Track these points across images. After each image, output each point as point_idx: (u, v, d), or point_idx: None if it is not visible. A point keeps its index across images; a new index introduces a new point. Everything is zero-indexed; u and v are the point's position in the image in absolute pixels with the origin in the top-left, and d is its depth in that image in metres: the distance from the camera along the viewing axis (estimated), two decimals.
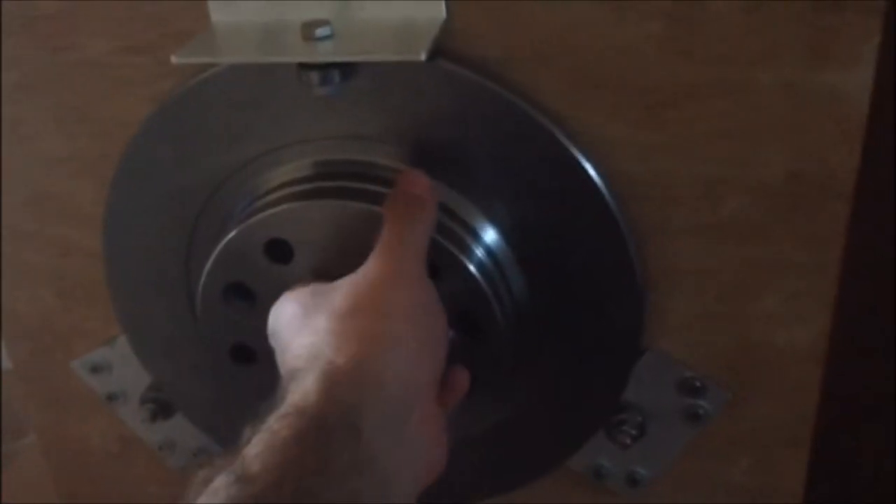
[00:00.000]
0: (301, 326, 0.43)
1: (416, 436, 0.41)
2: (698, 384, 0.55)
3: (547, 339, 0.54)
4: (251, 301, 0.51)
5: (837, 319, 0.52)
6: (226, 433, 0.64)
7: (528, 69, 0.48)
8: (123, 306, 0.61)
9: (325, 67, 0.45)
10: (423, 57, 0.44)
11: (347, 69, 0.46)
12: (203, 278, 0.52)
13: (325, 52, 0.45)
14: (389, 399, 0.40)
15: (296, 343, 0.42)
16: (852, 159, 0.47)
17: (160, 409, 0.63)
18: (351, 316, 0.42)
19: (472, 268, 0.49)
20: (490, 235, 0.51)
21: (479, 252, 0.50)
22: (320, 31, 0.45)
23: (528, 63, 0.48)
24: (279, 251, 0.50)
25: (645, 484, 0.59)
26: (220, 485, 0.35)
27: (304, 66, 0.45)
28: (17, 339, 0.66)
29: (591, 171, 0.49)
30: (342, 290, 0.43)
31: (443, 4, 0.47)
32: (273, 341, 0.47)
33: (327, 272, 0.48)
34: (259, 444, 0.37)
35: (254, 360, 0.53)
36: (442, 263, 0.48)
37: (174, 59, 0.46)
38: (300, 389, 0.39)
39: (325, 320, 0.42)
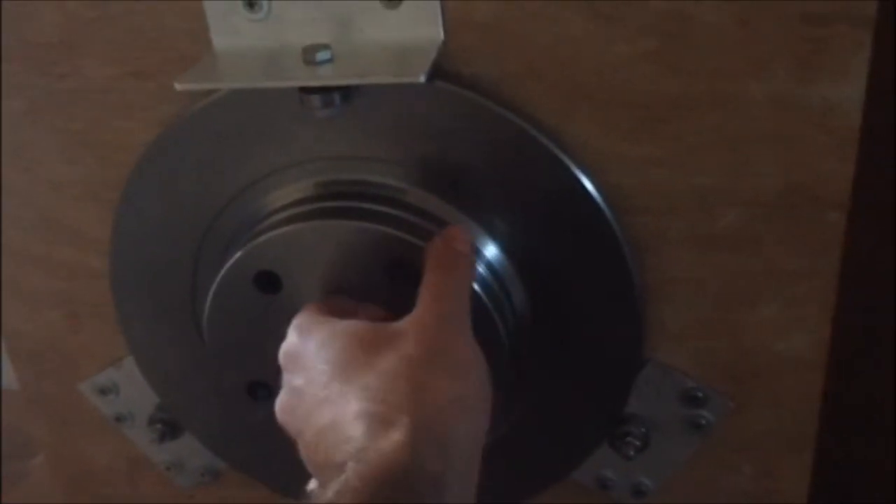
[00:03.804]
0: (364, 362, 0.42)
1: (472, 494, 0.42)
2: (700, 394, 0.55)
3: (548, 351, 0.55)
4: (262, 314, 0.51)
5: (838, 324, 0.53)
6: (234, 452, 0.65)
7: (524, 86, 0.49)
8: (130, 328, 0.61)
9: (326, 90, 0.46)
10: (422, 79, 0.44)
11: (348, 91, 0.47)
12: (213, 288, 0.52)
13: (326, 76, 0.46)
14: (467, 467, 0.41)
15: (355, 378, 0.42)
16: (846, 170, 0.48)
17: (168, 429, 0.64)
18: (427, 367, 0.41)
19: (474, 284, 0.49)
20: (490, 251, 0.52)
21: (480, 268, 0.51)
22: (321, 55, 0.46)
23: (524, 80, 0.48)
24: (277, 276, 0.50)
25: (650, 494, 0.60)
26: None
27: (306, 90, 0.46)
28: (24, 360, 0.66)
29: (588, 185, 0.50)
30: (411, 336, 0.42)
31: (440, 26, 0.47)
32: (297, 346, 0.45)
33: (335, 291, 0.49)
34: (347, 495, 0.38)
35: (268, 397, 0.52)
36: None
37: (177, 86, 0.46)
38: (390, 440, 0.38)
39: (398, 364, 0.41)
